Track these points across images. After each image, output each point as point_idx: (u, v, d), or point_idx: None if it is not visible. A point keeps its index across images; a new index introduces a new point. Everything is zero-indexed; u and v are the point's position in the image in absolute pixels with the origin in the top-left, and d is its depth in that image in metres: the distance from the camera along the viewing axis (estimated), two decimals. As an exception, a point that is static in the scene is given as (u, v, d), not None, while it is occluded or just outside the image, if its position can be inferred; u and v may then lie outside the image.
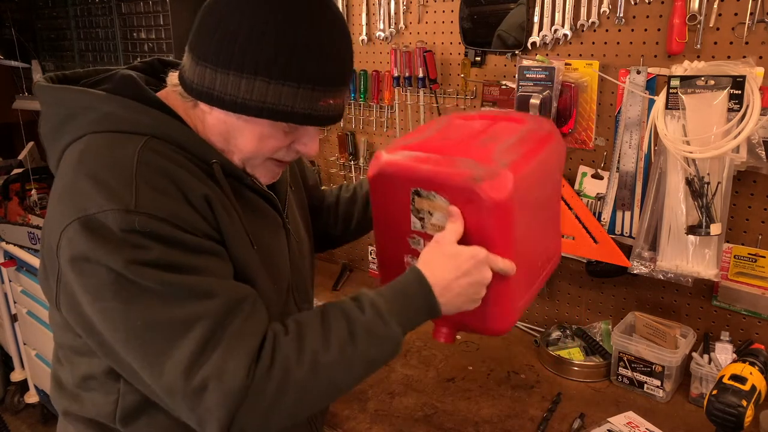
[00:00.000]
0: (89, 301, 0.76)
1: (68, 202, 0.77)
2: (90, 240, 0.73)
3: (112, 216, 0.73)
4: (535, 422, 1.23)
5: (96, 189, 0.75)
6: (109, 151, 0.80)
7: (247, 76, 0.79)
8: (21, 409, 2.71)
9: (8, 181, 2.82)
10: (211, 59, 0.79)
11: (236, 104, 0.80)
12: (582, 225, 1.46)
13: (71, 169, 0.79)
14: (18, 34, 2.81)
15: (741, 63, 1.17)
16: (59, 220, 0.76)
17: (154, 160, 0.79)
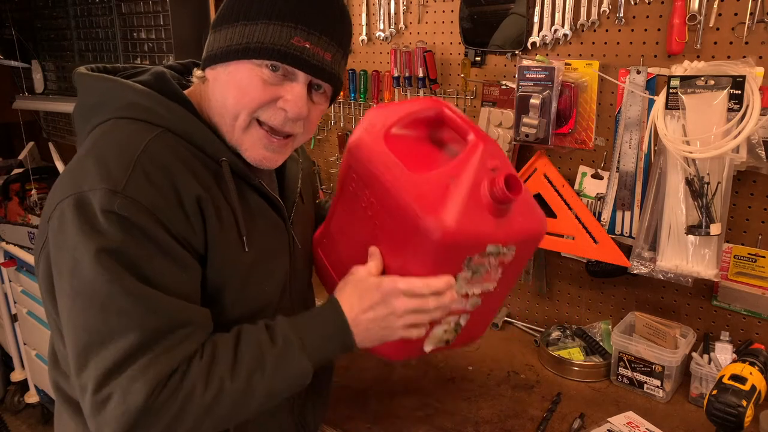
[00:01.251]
0: (56, 275, 0.79)
1: (70, 177, 0.80)
2: (73, 218, 0.76)
3: (99, 195, 0.76)
4: (535, 422, 1.23)
5: (95, 168, 0.78)
6: (122, 135, 0.83)
7: (230, 26, 0.85)
8: (21, 409, 2.71)
9: (8, 181, 2.82)
10: (213, 24, 0.88)
11: (222, 54, 0.86)
12: (582, 225, 1.46)
13: (86, 147, 0.84)
14: (18, 34, 2.81)
15: (741, 63, 1.17)
16: (59, 192, 0.80)
17: (159, 153, 0.82)
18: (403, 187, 0.89)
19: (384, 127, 0.97)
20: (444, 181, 0.89)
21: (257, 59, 0.83)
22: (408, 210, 0.88)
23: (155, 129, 0.84)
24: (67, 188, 0.79)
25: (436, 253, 0.89)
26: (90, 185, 0.77)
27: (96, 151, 0.81)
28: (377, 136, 0.96)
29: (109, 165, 0.78)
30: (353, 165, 0.98)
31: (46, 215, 0.81)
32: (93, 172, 0.78)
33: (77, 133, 0.93)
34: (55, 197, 0.80)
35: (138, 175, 0.78)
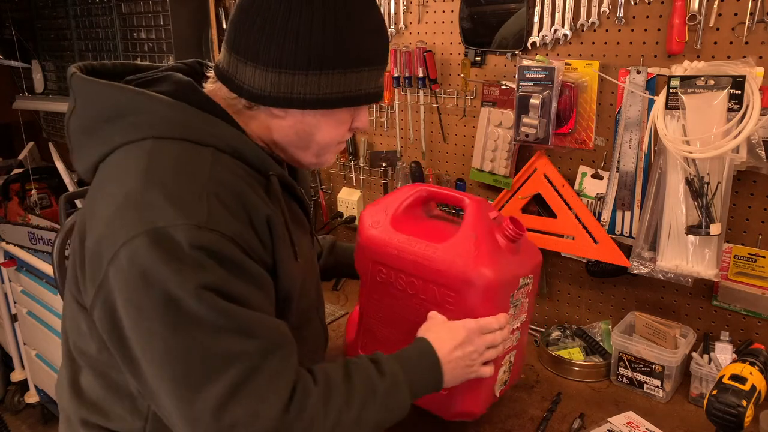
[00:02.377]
0: (133, 317, 0.73)
1: (134, 213, 0.73)
2: (156, 256, 0.71)
3: (183, 230, 0.72)
4: (535, 422, 1.23)
5: (168, 202, 0.73)
6: (179, 161, 0.78)
7: (325, 72, 0.82)
8: (21, 409, 2.71)
9: (8, 181, 2.82)
10: (287, 64, 0.81)
11: (318, 101, 0.83)
12: (582, 225, 1.46)
13: (138, 176, 0.76)
14: (18, 34, 2.81)
15: (741, 63, 1.17)
16: (122, 229, 0.73)
17: (225, 177, 0.79)
18: (439, 257, 1.04)
19: (388, 219, 1.14)
20: (468, 240, 1.04)
21: (359, 105, 0.89)
22: (452, 272, 1.02)
23: (205, 149, 0.80)
24: (133, 225, 0.72)
25: (490, 299, 1.02)
26: (167, 221, 0.72)
27: (156, 181, 0.75)
28: (387, 228, 1.12)
29: (183, 197, 0.74)
30: (378, 259, 1.12)
31: (101, 254, 0.75)
32: (166, 206, 0.73)
33: (75, 147, 0.85)
34: (115, 234, 0.73)
35: (214, 204, 0.75)
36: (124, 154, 0.79)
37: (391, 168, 1.89)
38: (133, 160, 0.78)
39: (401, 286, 1.10)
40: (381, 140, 1.91)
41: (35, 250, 2.29)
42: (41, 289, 2.29)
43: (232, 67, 0.84)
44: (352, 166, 1.99)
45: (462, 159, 1.72)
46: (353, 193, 2.02)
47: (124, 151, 0.80)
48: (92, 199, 0.81)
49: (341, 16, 0.81)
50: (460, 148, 1.72)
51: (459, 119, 1.69)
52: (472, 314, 1.02)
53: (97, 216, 0.77)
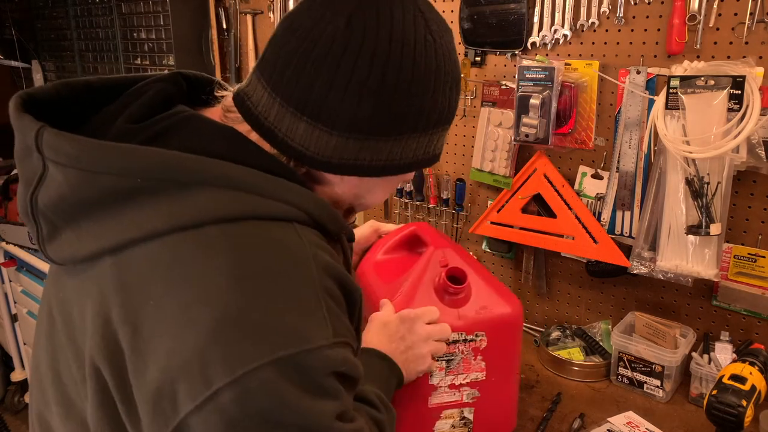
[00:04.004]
0: None
1: (239, 342, 0.54)
2: (283, 394, 0.54)
3: (316, 356, 0.56)
4: (535, 422, 1.23)
5: (287, 317, 0.56)
6: (275, 257, 0.59)
7: (399, 138, 0.67)
8: (21, 409, 2.71)
9: (8, 181, 2.81)
10: (361, 128, 0.64)
11: (386, 168, 0.69)
12: (582, 225, 1.46)
13: (224, 286, 0.56)
14: (18, 34, 2.81)
15: (741, 63, 1.17)
16: (218, 365, 0.53)
17: (325, 261, 0.62)
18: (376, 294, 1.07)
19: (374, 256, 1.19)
20: (400, 284, 1.05)
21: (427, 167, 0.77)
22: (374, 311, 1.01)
23: (288, 226, 0.62)
24: (241, 358, 0.54)
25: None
26: (293, 346, 0.55)
27: (258, 291, 0.56)
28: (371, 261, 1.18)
29: (302, 309, 0.58)
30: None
31: (183, 398, 0.54)
32: (285, 325, 0.56)
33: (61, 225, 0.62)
34: (209, 373, 0.53)
35: (331, 306, 0.60)
36: (178, 248, 0.58)
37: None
38: (202, 259, 0.57)
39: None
40: (381, 140, 1.90)
41: (35, 250, 2.29)
42: (41, 289, 2.28)
43: (277, 116, 0.65)
44: (352, 166, 1.99)
45: (462, 159, 1.72)
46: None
47: (175, 244, 0.58)
48: (131, 312, 0.57)
49: (430, 69, 0.66)
50: (460, 148, 1.72)
51: (459, 119, 1.69)
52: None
53: (155, 339, 0.56)
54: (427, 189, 1.79)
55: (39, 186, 0.62)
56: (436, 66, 0.67)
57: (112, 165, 0.58)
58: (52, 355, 0.70)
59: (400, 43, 0.63)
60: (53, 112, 0.66)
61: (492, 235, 1.62)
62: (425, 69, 0.66)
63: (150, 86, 0.69)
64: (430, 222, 1.83)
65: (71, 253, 0.62)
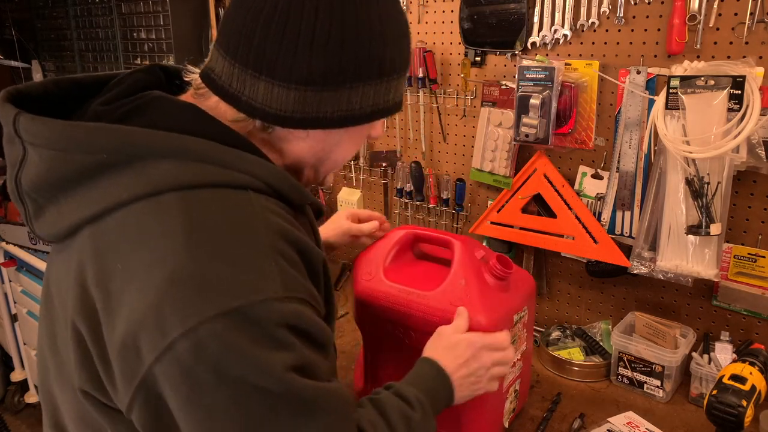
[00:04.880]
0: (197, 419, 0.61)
1: (191, 295, 0.59)
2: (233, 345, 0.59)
3: (264, 308, 0.60)
4: (535, 422, 1.23)
5: (235, 274, 0.60)
6: (227, 216, 0.63)
7: (357, 85, 0.70)
8: (21, 409, 2.71)
9: (8, 181, 2.82)
10: (315, 80, 0.68)
11: (347, 118, 0.72)
12: (582, 225, 1.46)
13: (180, 244, 0.61)
14: (18, 34, 2.81)
15: (741, 63, 1.17)
16: (174, 317, 0.59)
17: (280, 225, 0.66)
18: (432, 306, 1.04)
19: (380, 268, 1.14)
20: (457, 286, 1.04)
21: (387, 117, 0.77)
22: (445, 323, 0.99)
23: (243, 193, 0.66)
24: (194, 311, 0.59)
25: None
26: (242, 299, 0.59)
27: (210, 249, 0.61)
28: (380, 279, 1.13)
29: (250, 264, 0.61)
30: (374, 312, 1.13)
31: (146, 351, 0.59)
32: (234, 280, 0.60)
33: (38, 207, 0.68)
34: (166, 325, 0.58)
35: (283, 265, 0.64)
36: (141, 215, 0.63)
37: (391, 168, 1.89)
38: (161, 221, 0.62)
39: (399, 337, 1.11)
40: (381, 140, 1.91)
41: (35, 250, 2.29)
42: (41, 289, 2.28)
43: (238, 81, 0.69)
44: (352, 166, 1.99)
45: (462, 159, 1.72)
46: (353, 194, 2.02)
47: (140, 211, 0.63)
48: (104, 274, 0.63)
49: (374, 18, 0.69)
50: (460, 148, 1.72)
51: (459, 119, 1.69)
52: None
53: (124, 297, 0.61)
54: (427, 189, 1.79)
55: (21, 168, 0.67)
56: (379, 16, 0.70)
57: (80, 143, 0.64)
58: (49, 329, 0.75)
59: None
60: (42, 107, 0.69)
61: (492, 235, 1.62)
62: (369, 19, 0.69)
63: (128, 77, 0.74)
64: (430, 222, 1.83)
65: (55, 228, 0.67)
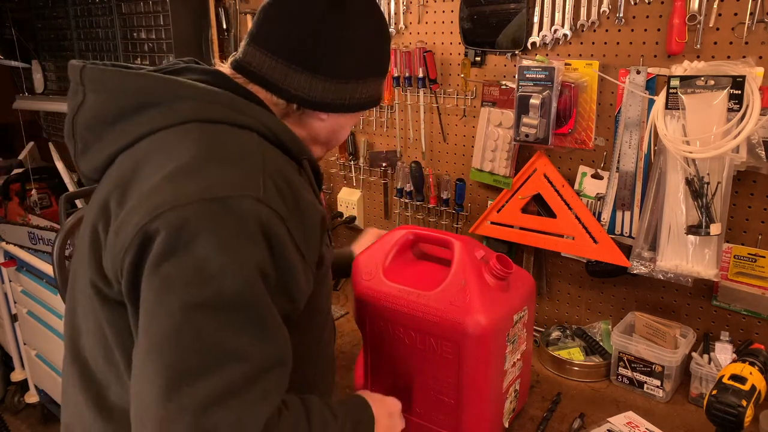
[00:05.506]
0: (155, 287, 0.67)
1: (189, 181, 0.69)
2: (208, 226, 0.67)
3: (246, 202, 0.69)
4: (535, 422, 1.23)
5: (229, 172, 0.71)
6: (232, 140, 0.77)
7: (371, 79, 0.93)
8: (21, 409, 2.71)
9: (8, 181, 2.82)
10: (350, 74, 0.89)
11: (358, 104, 0.93)
12: (582, 225, 1.46)
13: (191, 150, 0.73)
14: (18, 34, 2.81)
15: (741, 63, 1.17)
16: (170, 196, 0.68)
17: (277, 163, 0.78)
18: (432, 306, 1.05)
19: (379, 269, 1.15)
20: (457, 287, 1.05)
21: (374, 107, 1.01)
22: (446, 323, 1.03)
23: (252, 134, 0.79)
24: (185, 193, 0.68)
25: (485, 345, 1.03)
26: (229, 190, 0.69)
27: (213, 155, 0.73)
28: (379, 279, 1.13)
29: (242, 170, 0.72)
30: (374, 312, 1.13)
31: (137, 221, 0.68)
32: (226, 176, 0.70)
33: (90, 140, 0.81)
34: (160, 202, 0.68)
35: (270, 186, 0.73)
36: (166, 137, 0.76)
37: (391, 168, 1.89)
38: (180, 139, 0.75)
39: (399, 337, 1.12)
40: (381, 140, 1.91)
41: (35, 250, 2.29)
42: (41, 289, 2.28)
43: (278, 73, 0.86)
44: (352, 166, 1.99)
45: (462, 159, 1.72)
46: (353, 193, 2.02)
47: (165, 134, 0.76)
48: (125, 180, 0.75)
49: (382, 26, 0.94)
50: (460, 148, 1.72)
51: (459, 119, 1.69)
52: (470, 361, 1.04)
53: (135, 190, 0.73)
54: (427, 189, 1.79)
55: (78, 111, 0.81)
56: (382, 26, 0.94)
57: (126, 86, 0.79)
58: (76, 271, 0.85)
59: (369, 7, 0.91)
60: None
61: (492, 235, 1.62)
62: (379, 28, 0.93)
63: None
64: (430, 222, 1.83)
65: (97, 160, 0.82)
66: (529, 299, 1.16)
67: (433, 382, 1.10)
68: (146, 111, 0.78)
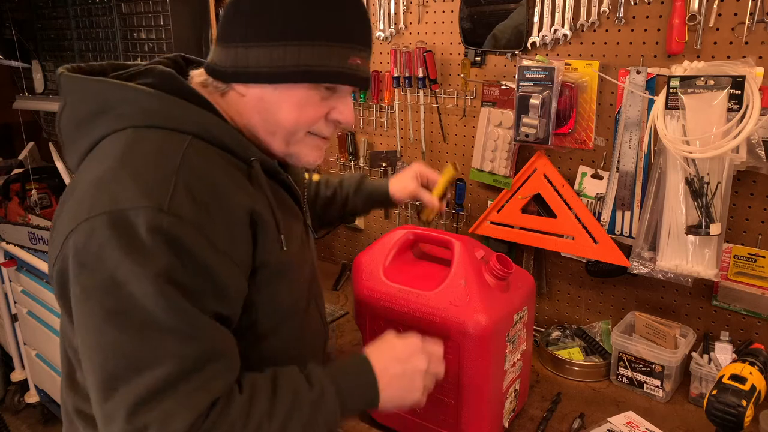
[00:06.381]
0: (77, 296, 0.73)
1: (102, 192, 0.74)
2: (112, 238, 0.70)
3: (143, 213, 0.71)
4: (535, 422, 1.23)
5: (133, 183, 0.73)
6: (154, 148, 0.78)
7: (278, 44, 0.81)
8: (21, 409, 2.71)
9: (8, 181, 2.82)
10: (240, 37, 0.82)
11: (272, 74, 0.82)
12: (582, 225, 1.46)
13: (112, 160, 0.76)
14: (18, 34, 2.81)
15: (741, 63, 1.17)
16: (87, 207, 0.73)
17: (199, 165, 0.78)
18: (432, 306, 1.05)
19: (380, 269, 1.15)
20: (458, 287, 1.05)
21: (320, 83, 0.84)
22: (446, 323, 1.03)
23: (184, 137, 0.80)
24: (97, 204, 0.73)
25: (485, 345, 1.03)
26: (130, 203, 0.72)
27: (128, 165, 0.75)
28: (380, 280, 1.14)
29: (149, 180, 0.74)
30: (375, 313, 1.14)
31: (64, 230, 0.75)
32: (130, 188, 0.73)
33: (67, 143, 0.86)
34: (80, 212, 0.74)
35: (180, 191, 0.74)
36: (106, 143, 0.81)
37: (391, 168, 1.89)
38: (111, 147, 0.79)
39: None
40: (381, 140, 1.91)
41: (35, 250, 2.29)
42: (41, 289, 2.29)
43: (212, 53, 0.87)
44: (352, 166, 1.99)
45: (462, 159, 1.72)
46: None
47: (107, 141, 0.81)
48: (71, 185, 0.82)
49: None
50: (460, 148, 1.72)
51: (459, 119, 1.69)
52: (470, 361, 1.04)
53: (71, 197, 0.79)
54: (427, 189, 1.79)
55: (62, 113, 0.86)
56: None
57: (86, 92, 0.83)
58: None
59: None
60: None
61: (492, 235, 1.62)
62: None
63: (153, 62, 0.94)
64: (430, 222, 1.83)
65: (72, 162, 0.86)
66: (529, 299, 1.16)
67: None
68: (102, 116, 0.82)
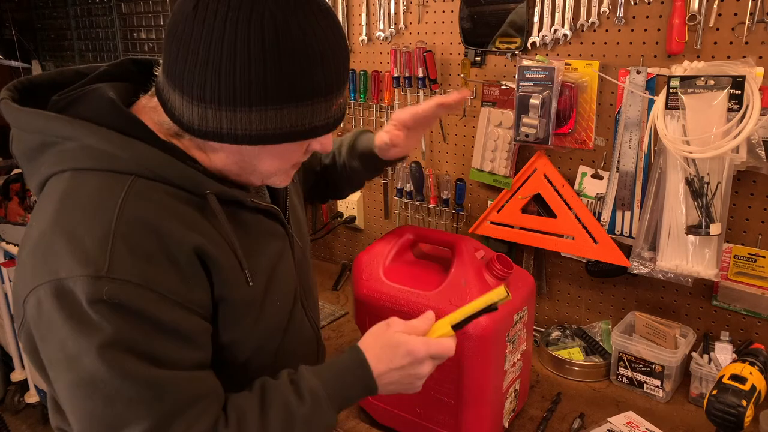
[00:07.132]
0: (46, 362, 0.74)
1: (41, 260, 0.71)
2: (55, 309, 0.68)
3: (81, 283, 0.67)
4: (535, 422, 1.23)
5: (68, 249, 0.69)
6: (89, 201, 0.73)
7: (256, 109, 0.73)
8: (21, 409, 2.71)
9: (8, 181, 2.81)
10: (211, 98, 0.72)
11: (252, 137, 0.75)
12: (582, 225, 1.46)
13: (49, 218, 0.72)
14: (18, 34, 2.81)
15: (741, 63, 1.17)
16: (31, 276, 0.71)
17: (137, 212, 0.72)
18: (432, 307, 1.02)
19: (380, 269, 1.15)
20: (458, 286, 1.05)
21: (305, 140, 0.79)
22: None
23: (124, 179, 0.74)
24: (39, 273, 0.70)
25: (485, 345, 1.03)
26: (67, 272, 0.68)
27: (63, 225, 0.71)
28: (380, 280, 1.14)
29: (84, 244, 0.69)
30: (375, 313, 1.13)
31: (20, 295, 0.73)
32: (66, 255, 0.69)
33: (25, 171, 0.81)
34: (26, 279, 0.72)
35: (119, 249, 0.69)
36: (49, 188, 0.76)
37: (391, 168, 1.89)
38: (49, 199, 0.75)
39: None
40: (381, 140, 1.90)
41: (35, 250, 2.28)
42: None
43: (166, 89, 0.76)
44: (352, 166, 1.99)
45: (462, 159, 1.72)
46: (353, 194, 2.02)
47: (50, 184, 0.77)
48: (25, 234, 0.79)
49: (270, 46, 0.70)
50: (460, 148, 1.72)
51: (459, 119, 1.69)
52: (470, 361, 1.04)
53: (21, 250, 0.77)
54: (427, 189, 1.79)
55: (12, 145, 0.80)
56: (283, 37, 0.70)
57: (25, 125, 0.77)
58: None
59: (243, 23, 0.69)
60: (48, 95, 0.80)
61: (492, 235, 1.62)
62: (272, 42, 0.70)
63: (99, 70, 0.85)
64: (430, 222, 1.83)
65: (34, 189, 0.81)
66: (529, 299, 1.16)
67: (433, 382, 1.10)
68: (45, 152, 0.77)
